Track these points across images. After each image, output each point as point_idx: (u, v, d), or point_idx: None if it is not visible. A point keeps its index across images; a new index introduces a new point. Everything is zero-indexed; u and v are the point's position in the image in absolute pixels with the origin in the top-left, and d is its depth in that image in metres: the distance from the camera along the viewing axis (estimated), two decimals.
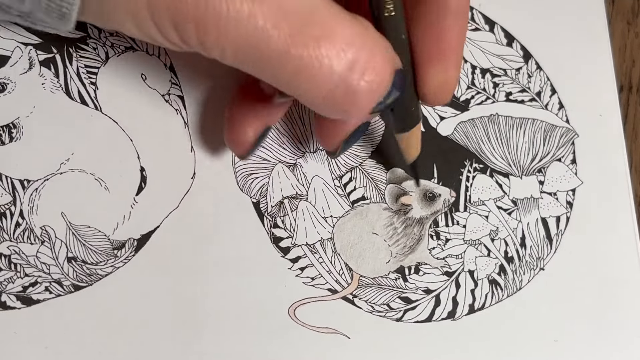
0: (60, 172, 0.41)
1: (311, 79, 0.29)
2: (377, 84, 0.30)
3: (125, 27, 0.30)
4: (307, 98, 0.30)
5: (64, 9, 0.29)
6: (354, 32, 0.29)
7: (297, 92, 0.30)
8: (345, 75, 0.29)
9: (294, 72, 0.29)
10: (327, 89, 0.29)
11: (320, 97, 0.30)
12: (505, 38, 0.45)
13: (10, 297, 0.40)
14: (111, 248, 0.41)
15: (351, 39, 0.28)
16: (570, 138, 0.44)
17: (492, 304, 0.41)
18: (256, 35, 0.27)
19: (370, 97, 0.30)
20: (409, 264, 0.42)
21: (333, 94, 0.29)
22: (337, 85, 0.29)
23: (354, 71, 0.29)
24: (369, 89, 0.29)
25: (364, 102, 0.30)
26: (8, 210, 0.41)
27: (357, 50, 0.29)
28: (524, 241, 0.42)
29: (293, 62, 0.28)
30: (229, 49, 0.28)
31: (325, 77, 0.29)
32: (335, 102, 0.30)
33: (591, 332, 0.41)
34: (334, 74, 0.29)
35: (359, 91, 0.29)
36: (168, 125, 0.42)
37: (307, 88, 0.29)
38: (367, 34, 0.29)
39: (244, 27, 0.27)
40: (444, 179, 0.43)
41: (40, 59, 0.42)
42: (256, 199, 0.42)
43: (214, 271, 0.41)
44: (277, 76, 0.29)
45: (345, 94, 0.29)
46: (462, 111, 0.44)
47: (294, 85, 0.29)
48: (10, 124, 0.41)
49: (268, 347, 0.40)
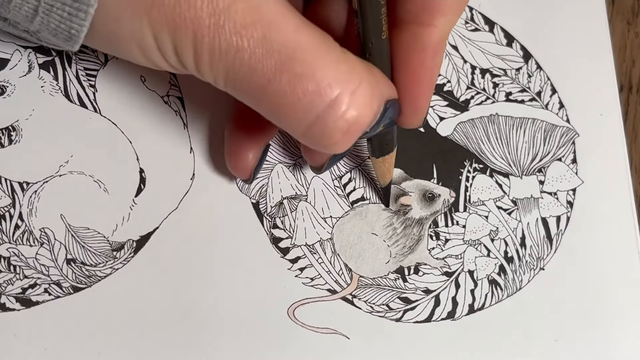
0: (60, 174, 0.41)
1: (290, 114, 0.30)
2: (358, 124, 0.30)
3: (131, 55, 0.31)
4: (289, 130, 0.31)
5: (73, 31, 0.30)
6: (337, 72, 0.29)
7: (280, 123, 0.31)
8: (323, 115, 0.29)
9: (274, 105, 0.30)
10: (306, 125, 0.30)
11: (301, 131, 0.30)
12: (505, 38, 0.45)
13: (9, 298, 0.40)
14: (110, 249, 0.41)
15: (333, 78, 0.29)
16: (571, 138, 0.44)
17: (492, 304, 0.41)
18: (242, 67, 0.29)
19: (349, 135, 0.30)
20: (409, 265, 0.42)
21: (311, 130, 0.30)
22: (315, 123, 0.30)
23: (333, 111, 0.29)
24: (347, 128, 0.30)
25: (344, 141, 0.31)
26: (7, 212, 0.41)
27: (338, 91, 0.29)
28: (524, 241, 0.42)
29: (273, 96, 0.29)
30: (220, 77, 0.30)
31: (303, 114, 0.29)
32: (314, 139, 0.31)
33: (591, 332, 0.41)
34: (311, 112, 0.29)
35: (336, 131, 0.30)
36: (167, 126, 0.42)
37: (287, 122, 0.30)
38: (352, 72, 0.30)
39: (232, 59, 0.29)
40: (443, 179, 0.43)
41: (39, 61, 0.42)
42: (256, 200, 0.42)
43: (213, 272, 0.41)
44: (261, 107, 0.30)
45: (322, 132, 0.30)
46: (462, 111, 0.44)
47: (275, 117, 0.30)
48: (9, 126, 0.41)
49: (267, 348, 0.40)
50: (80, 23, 0.30)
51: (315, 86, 0.29)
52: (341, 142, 0.31)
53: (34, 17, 0.30)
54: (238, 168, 0.39)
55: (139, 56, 0.31)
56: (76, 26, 0.30)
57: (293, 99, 0.29)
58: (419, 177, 0.43)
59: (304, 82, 0.29)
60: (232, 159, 0.39)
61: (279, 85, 0.29)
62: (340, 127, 0.30)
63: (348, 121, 0.30)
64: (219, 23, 0.28)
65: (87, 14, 0.29)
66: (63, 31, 0.30)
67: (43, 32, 0.31)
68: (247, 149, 0.39)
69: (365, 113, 0.30)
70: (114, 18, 0.30)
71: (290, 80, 0.29)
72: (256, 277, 0.41)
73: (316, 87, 0.29)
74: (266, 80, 0.29)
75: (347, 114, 0.30)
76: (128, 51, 0.31)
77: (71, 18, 0.30)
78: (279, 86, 0.29)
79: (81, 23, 0.30)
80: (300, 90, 0.29)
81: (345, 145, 0.31)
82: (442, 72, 0.44)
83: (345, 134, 0.30)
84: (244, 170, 0.39)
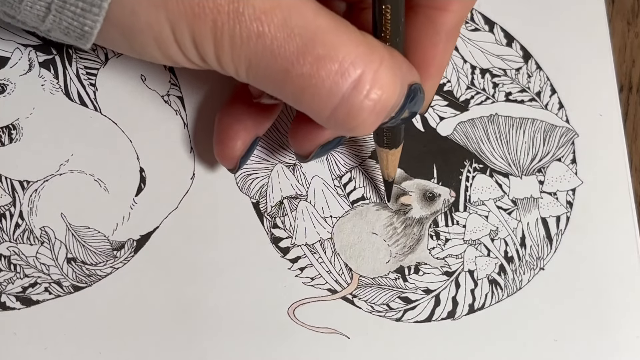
0: (60, 173, 0.41)
1: (314, 98, 0.30)
2: (383, 103, 0.30)
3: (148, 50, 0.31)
4: (314, 114, 0.31)
5: (87, 28, 0.30)
6: (359, 52, 0.29)
7: (304, 108, 0.31)
8: (348, 95, 0.29)
9: (298, 90, 0.30)
10: (331, 108, 0.30)
11: (325, 114, 0.30)
12: (505, 38, 0.45)
13: (10, 297, 0.40)
14: (110, 249, 0.41)
15: (355, 58, 0.29)
16: (570, 138, 0.44)
17: (492, 304, 0.41)
18: (264, 53, 0.29)
19: (375, 116, 0.30)
20: (409, 264, 0.42)
21: (337, 112, 0.30)
22: (341, 104, 0.30)
23: (357, 91, 0.29)
24: (372, 108, 0.30)
25: (369, 121, 0.31)
26: (8, 211, 0.41)
27: (361, 70, 0.29)
28: (524, 241, 0.42)
29: (297, 80, 0.29)
30: (242, 66, 0.30)
31: (328, 96, 0.29)
32: (339, 121, 0.30)
33: (591, 332, 0.41)
34: (336, 93, 0.29)
35: (362, 110, 0.30)
36: (167, 126, 0.42)
37: (312, 106, 0.30)
38: (373, 52, 0.30)
39: (254, 46, 0.29)
40: (443, 179, 0.43)
41: (39, 60, 0.42)
42: (256, 199, 0.42)
43: (213, 271, 0.41)
44: (285, 92, 0.30)
45: (348, 113, 0.30)
46: (462, 111, 0.44)
47: (300, 101, 0.30)
48: (9, 125, 0.41)
49: (268, 347, 0.40)
50: (94, 19, 0.30)
51: (338, 66, 0.29)
52: (367, 122, 0.31)
53: (46, 15, 0.30)
54: (224, 156, 0.39)
55: (156, 51, 0.31)
56: (90, 22, 0.30)
57: (317, 81, 0.29)
58: (419, 176, 0.43)
59: (327, 63, 0.29)
60: (219, 146, 0.39)
61: (302, 68, 0.29)
62: (366, 106, 0.30)
63: (373, 100, 0.30)
64: (238, 10, 0.28)
65: (102, 8, 0.29)
66: (76, 29, 0.30)
67: (54, 32, 0.31)
68: (235, 138, 0.39)
69: (390, 92, 0.30)
70: (130, 11, 0.29)
71: (314, 62, 0.29)
72: (256, 277, 0.41)
73: (339, 68, 0.29)
74: (289, 64, 0.29)
75: (372, 93, 0.30)
76: (144, 46, 0.31)
77: (84, 14, 0.30)
78: (302, 69, 0.29)
79: (95, 19, 0.30)
80: (324, 71, 0.29)
81: (371, 126, 0.31)
82: None
83: (370, 113, 0.30)
84: (230, 159, 0.39)
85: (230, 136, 0.39)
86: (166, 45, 0.30)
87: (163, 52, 0.31)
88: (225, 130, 0.39)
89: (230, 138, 0.39)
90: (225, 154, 0.39)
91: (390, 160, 0.39)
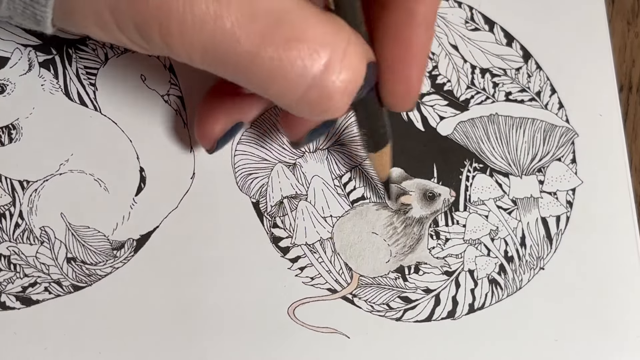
0: (60, 173, 0.41)
1: (284, 81, 0.28)
2: (353, 82, 0.29)
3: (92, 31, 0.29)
4: (281, 100, 0.30)
5: (38, 17, 0.29)
6: (326, 32, 0.28)
7: (270, 94, 0.30)
8: (320, 77, 0.29)
9: (266, 75, 0.28)
10: (301, 91, 0.29)
11: (295, 99, 0.29)
12: (505, 38, 0.45)
13: (9, 297, 0.40)
14: (110, 248, 0.41)
15: (324, 39, 0.28)
16: (570, 138, 0.44)
17: (492, 304, 0.41)
18: (224, 37, 0.27)
19: (346, 96, 0.30)
20: (409, 264, 0.42)
21: (308, 95, 0.29)
22: (311, 87, 0.29)
23: (329, 71, 0.29)
24: (344, 88, 0.29)
25: (341, 102, 0.30)
26: (7, 211, 0.41)
27: (331, 50, 0.28)
28: (524, 241, 0.42)
29: (264, 65, 0.28)
30: (196, 52, 0.28)
31: (299, 78, 0.28)
32: (311, 104, 0.30)
33: (591, 332, 0.41)
34: (307, 75, 0.28)
35: (334, 91, 0.29)
36: (167, 126, 0.42)
37: (281, 90, 0.29)
38: (340, 32, 0.29)
39: (211, 29, 0.27)
40: (443, 178, 0.43)
41: (39, 60, 0.42)
42: (256, 199, 0.42)
43: (213, 271, 0.41)
44: (249, 79, 0.29)
45: (320, 95, 0.29)
46: (462, 111, 0.44)
47: (267, 87, 0.29)
48: (9, 125, 0.41)
49: (268, 347, 0.40)
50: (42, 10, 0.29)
51: (307, 48, 0.28)
52: (339, 104, 0.30)
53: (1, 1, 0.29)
54: (202, 135, 0.38)
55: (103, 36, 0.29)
56: (39, 12, 0.29)
57: (286, 64, 0.28)
58: (419, 176, 0.43)
59: (295, 45, 0.28)
60: (198, 125, 0.39)
61: (268, 51, 0.27)
62: (338, 87, 0.29)
63: (344, 80, 0.29)
64: None
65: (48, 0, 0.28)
66: (30, 16, 0.29)
67: (16, 17, 0.30)
68: (215, 119, 0.38)
69: (359, 71, 0.29)
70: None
71: (281, 45, 0.28)
72: (256, 277, 0.41)
73: (308, 49, 0.28)
74: (254, 48, 0.27)
75: (343, 72, 0.29)
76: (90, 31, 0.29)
77: (33, 4, 0.29)
78: (268, 53, 0.27)
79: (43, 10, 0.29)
80: (292, 53, 0.28)
81: (342, 108, 0.30)
82: (442, 72, 0.44)
83: (343, 94, 0.29)
84: (207, 139, 0.38)
85: (210, 116, 0.38)
86: (110, 31, 0.29)
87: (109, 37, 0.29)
88: (206, 110, 0.38)
89: (211, 118, 0.38)
90: (203, 133, 0.38)
91: (382, 162, 0.40)
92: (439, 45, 0.44)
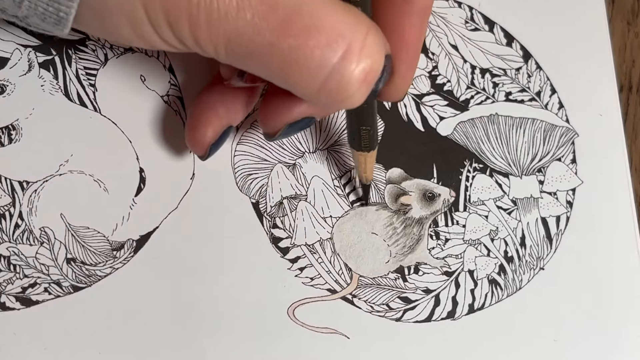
0: (60, 174, 0.41)
1: (303, 71, 0.29)
2: (373, 72, 0.29)
3: (123, 30, 0.30)
4: (301, 90, 0.30)
5: (62, 14, 0.29)
6: (345, 21, 0.28)
7: (291, 84, 0.30)
8: (339, 66, 0.29)
9: (286, 64, 0.28)
10: (321, 80, 0.29)
11: (314, 88, 0.29)
12: (505, 38, 0.45)
13: (9, 298, 0.40)
14: (110, 249, 0.41)
15: (343, 28, 0.28)
16: (570, 138, 0.44)
17: (491, 304, 0.41)
18: (246, 28, 0.28)
19: (366, 86, 0.30)
20: (409, 264, 0.42)
21: (327, 85, 0.29)
22: (331, 76, 0.29)
23: (348, 61, 0.29)
24: (364, 77, 0.29)
25: (360, 91, 0.30)
26: (7, 211, 0.41)
27: (350, 39, 0.28)
28: (524, 241, 0.42)
29: (284, 54, 0.28)
30: (221, 45, 0.29)
31: (317, 68, 0.29)
32: (330, 93, 0.30)
33: (591, 332, 0.41)
34: (326, 65, 0.28)
35: (354, 81, 0.29)
36: (167, 126, 0.42)
37: (300, 80, 0.29)
38: (360, 22, 0.29)
39: (234, 20, 0.27)
40: (443, 178, 0.43)
41: (39, 60, 0.42)
42: (255, 199, 0.42)
43: (213, 272, 0.41)
44: (270, 69, 0.29)
45: (339, 84, 0.29)
46: (462, 111, 0.44)
47: (287, 77, 0.29)
48: (9, 125, 0.41)
49: (267, 347, 0.40)
50: (68, 4, 0.29)
51: (326, 37, 0.28)
52: (358, 93, 0.30)
53: (21, 1, 0.29)
54: (194, 142, 0.38)
55: (131, 33, 0.30)
56: (64, 8, 0.29)
57: (305, 53, 0.28)
58: (419, 176, 0.43)
59: (314, 34, 0.28)
60: (190, 132, 0.38)
61: (288, 41, 0.28)
62: (357, 76, 0.29)
63: (364, 70, 0.29)
64: None
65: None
66: (51, 14, 0.29)
67: (32, 17, 0.30)
68: (207, 125, 0.38)
69: (379, 61, 0.29)
70: None
71: (300, 34, 0.28)
72: (256, 277, 0.41)
73: (327, 38, 0.28)
74: (274, 38, 0.28)
75: (362, 62, 0.29)
76: (117, 27, 0.30)
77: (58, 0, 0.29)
78: (288, 42, 0.28)
79: (69, 4, 0.29)
80: (311, 43, 0.28)
81: (361, 97, 0.30)
82: (442, 72, 0.44)
83: (362, 83, 0.29)
84: (200, 145, 0.38)
85: (201, 123, 0.38)
86: (140, 27, 0.29)
87: (138, 33, 0.30)
88: (197, 117, 0.38)
89: (202, 124, 0.38)
90: (195, 140, 0.38)
91: (368, 163, 0.39)
92: (439, 45, 0.44)
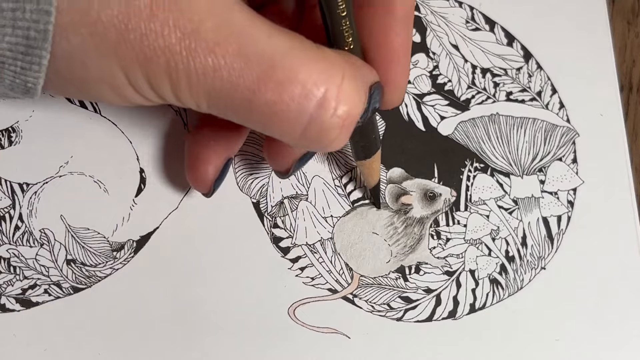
0: (60, 175, 0.41)
1: (283, 122, 0.29)
2: (351, 117, 0.30)
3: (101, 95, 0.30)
4: (284, 139, 0.30)
5: (29, 85, 0.29)
6: (319, 69, 0.29)
7: (273, 134, 0.30)
8: (316, 115, 0.29)
9: (265, 116, 0.29)
10: (301, 129, 0.29)
11: (296, 137, 0.30)
12: (506, 38, 0.45)
13: (9, 299, 0.40)
14: (110, 250, 0.41)
15: (317, 77, 0.29)
16: (571, 137, 0.44)
17: (493, 304, 0.41)
18: (224, 85, 0.28)
19: (345, 129, 0.30)
20: (410, 264, 0.42)
21: (307, 133, 0.30)
22: (310, 125, 0.29)
23: (324, 109, 0.29)
24: (342, 123, 0.30)
25: (341, 137, 0.30)
26: (7, 213, 0.41)
27: (325, 87, 0.29)
28: (525, 240, 0.42)
29: (262, 108, 0.29)
30: (203, 100, 0.29)
31: (295, 119, 0.29)
32: (312, 140, 0.30)
33: (592, 332, 0.41)
34: (303, 115, 0.29)
35: (332, 128, 0.30)
36: (167, 126, 0.42)
37: (282, 130, 0.30)
38: (334, 67, 0.29)
39: (212, 80, 0.28)
40: (444, 178, 0.43)
41: None
42: (256, 199, 0.42)
43: (213, 272, 0.41)
44: (252, 121, 0.30)
45: (319, 132, 0.30)
46: (463, 111, 0.44)
47: (269, 128, 0.30)
48: (9, 127, 0.41)
49: (268, 347, 0.40)
50: (35, 76, 0.28)
51: (301, 89, 0.28)
52: (339, 138, 0.30)
53: None
54: (197, 181, 0.39)
55: (112, 97, 0.30)
56: (32, 80, 0.29)
57: (282, 106, 0.28)
58: (420, 176, 0.42)
59: (288, 87, 0.28)
60: (191, 172, 0.39)
61: (264, 95, 0.28)
62: (335, 123, 0.29)
63: (341, 116, 0.29)
64: (190, 46, 0.27)
65: (41, 65, 0.28)
66: (19, 85, 0.29)
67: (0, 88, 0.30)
68: (207, 163, 0.38)
69: (355, 104, 0.30)
70: (80, 64, 0.28)
71: (275, 88, 0.28)
72: (256, 277, 0.41)
73: (302, 90, 0.28)
74: (251, 94, 0.28)
75: (339, 109, 0.29)
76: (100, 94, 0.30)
77: (25, 72, 0.28)
78: (265, 97, 0.28)
79: (36, 76, 0.28)
80: (287, 96, 0.28)
81: (342, 141, 0.31)
82: (442, 72, 0.44)
83: (341, 129, 0.30)
84: (203, 184, 0.39)
85: (201, 161, 0.38)
86: (122, 90, 0.29)
87: (121, 97, 0.30)
88: (195, 156, 0.38)
89: (202, 163, 0.38)
90: (198, 179, 0.38)
91: (372, 169, 0.40)
92: (440, 45, 0.45)
